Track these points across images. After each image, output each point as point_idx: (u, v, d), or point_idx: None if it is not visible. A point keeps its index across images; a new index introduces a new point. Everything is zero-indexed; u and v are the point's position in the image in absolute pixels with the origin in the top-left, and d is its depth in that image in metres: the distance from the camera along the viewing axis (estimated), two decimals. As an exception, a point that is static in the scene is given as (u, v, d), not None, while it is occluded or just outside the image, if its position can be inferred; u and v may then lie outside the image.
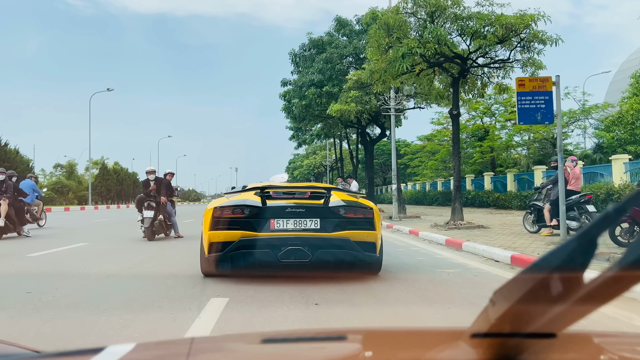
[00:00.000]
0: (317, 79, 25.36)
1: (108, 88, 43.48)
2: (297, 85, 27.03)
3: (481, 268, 6.44)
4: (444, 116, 33.48)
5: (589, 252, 0.56)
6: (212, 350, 0.93)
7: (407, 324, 3.64)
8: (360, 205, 5.33)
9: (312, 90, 25.21)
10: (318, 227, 5.08)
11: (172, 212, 11.02)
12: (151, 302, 4.29)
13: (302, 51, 27.79)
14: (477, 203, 25.81)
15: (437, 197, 32.26)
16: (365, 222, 5.22)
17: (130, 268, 6.54)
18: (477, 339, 0.69)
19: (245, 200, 5.18)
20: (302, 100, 25.96)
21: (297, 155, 71.24)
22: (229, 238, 5.00)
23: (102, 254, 8.05)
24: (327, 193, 5.33)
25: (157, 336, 3.30)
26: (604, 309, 3.33)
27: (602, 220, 0.57)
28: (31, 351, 0.96)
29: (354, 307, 4.19)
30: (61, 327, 3.55)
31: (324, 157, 56.93)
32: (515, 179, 24.58)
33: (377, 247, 5.27)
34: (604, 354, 0.79)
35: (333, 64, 25.44)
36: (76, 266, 6.65)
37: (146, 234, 10.17)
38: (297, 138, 35.69)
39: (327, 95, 24.75)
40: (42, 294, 4.64)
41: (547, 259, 0.58)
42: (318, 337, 0.98)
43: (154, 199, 10.41)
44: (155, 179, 10.88)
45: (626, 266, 0.53)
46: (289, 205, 5.19)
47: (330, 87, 24.80)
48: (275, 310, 4.00)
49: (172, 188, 11.36)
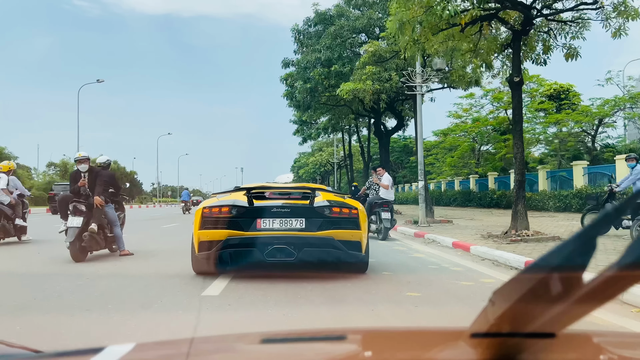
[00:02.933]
0: (324, 57, 21.17)
1: (98, 79, 39.97)
2: (300, 66, 22.76)
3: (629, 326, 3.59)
4: (463, 108, 31.46)
5: (588, 252, 0.56)
6: (212, 350, 0.93)
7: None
8: (345, 205, 5.48)
9: (319, 70, 21.29)
10: (303, 226, 5.22)
11: (116, 220, 7.65)
12: (147, 301, 4.29)
13: (306, 27, 23.31)
14: (503, 204, 23.24)
15: (456, 197, 29.71)
16: (350, 221, 5.35)
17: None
18: (477, 338, 0.70)
19: (232, 201, 5.34)
20: (306, 83, 22.16)
21: (302, 154, 67.30)
22: (217, 237, 5.14)
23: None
24: (312, 193, 5.46)
25: (147, 336, 3.30)
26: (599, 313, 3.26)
27: (602, 220, 0.57)
28: (31, 351, 0.96)
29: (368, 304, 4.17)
30: (61, 327, 3.55)
31: (331, 154, 53.36)
32: (549, 177, 22.23)
33: (363, 246, 5.42)
34: (604, 353, 0.79)
35: (343, 39, 21.20)
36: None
37: (71, 251, 6.89)
38: (302, 132, 32.45)
39: (336, 76, 20.67)
40: (43, 294, 4.65)
41: (547, 259, 0.58)
42: (318, 337, 0.98)
43: (85, 200, 7.24)
44: (89, 170, 7.52)
45: (625, 266, 0.53)
46: (275, 205, 5.35)
47: (340, 67, 20.75)
48: (263, 310, 4.01)
49: (116, 183, 8.08)
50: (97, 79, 40.84)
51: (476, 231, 10.90)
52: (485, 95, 29.29)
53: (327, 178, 59.75)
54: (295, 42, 23.44)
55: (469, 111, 31.71)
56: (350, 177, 36.76)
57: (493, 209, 23.38)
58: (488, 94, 28.62)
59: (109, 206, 7.58)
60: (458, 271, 6.08)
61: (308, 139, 34.60)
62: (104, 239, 7.44)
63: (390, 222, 10.15)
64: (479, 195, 26.96)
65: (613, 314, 3.79)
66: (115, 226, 7.65)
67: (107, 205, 7.50)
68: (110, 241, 7.70)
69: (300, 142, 34.26)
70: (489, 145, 31.15)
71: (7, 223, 9.75)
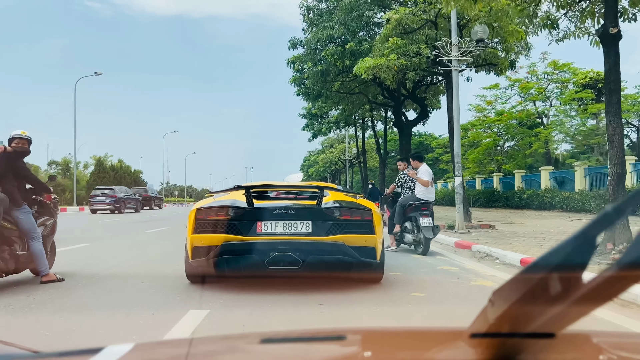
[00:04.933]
0: (337, 33, 18.30)
1: (96, 72, 39.79)
2: (310, 46, 19.84)
3: None
4: (486, 101, 29.24)
5: (588, 252, 0.56)
6: (212, 350, 0.93)
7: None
8: (357, 206, 4.94)
9: (331, 49, 18.42)
10: (310, 230, 4.67)
11: (33, 230, 5.19)
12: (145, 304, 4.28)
13: (317, 2, 20.35)
14: (535, 205, 21.20)
15: (478, 197, 26.72)
16: (363, 224, 4.79)
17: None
18: (476, 339, 0.70)
19: (230, 201, 4.82)
20: (317, 66, 19.41)
21: (311, 152, 63.40)
22: (212, 242, 4.62)
23: None
24: (320, 193, 4.87)
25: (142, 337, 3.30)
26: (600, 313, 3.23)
27: (601, 220, 0.57)
28: (30, 351, 0.96)
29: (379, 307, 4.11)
30: (61, 327, 3.55)
31: (343, 151, 49.19)
32: (587, 175, 19.78)
33: (378, 253, 4.85)
34: (603, 354, 0.79)
35: (360, 12, 18.12)
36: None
37: None
38: (312, 127, 30.10)
39: (351, 56, 17.70)
40: (42, 294, 4.65)
41: (546, 259, 0.58)
42: (317, 337, 0.98)
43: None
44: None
45: (625, 266, 0.53)
46: (278, 206, 4.80)
47: (356, 45, 17.89)
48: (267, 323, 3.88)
49: (26, 172, 5.45)
50: (95, 71, 39.83)
51: (536, 241, 8.84)
52: (512, 86, 27.09)
53: (338, 177, 56.49)
54: (304, 20, 20.50)
55: (493, 104, 29.48)
56: (364, 175, 33.99)
57: (523, 210, 21.20)
58: (515, 84, 26.54)
59: (23, 210, 5.17)
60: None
61: (318, 134, 32.12)
62: (12, 257, 5.02)
63: (432, 230, 7.79)
64: (505, 195, 24.60)
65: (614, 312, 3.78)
66: (33, 239, 5.17)
67: (21, 208, 5.15)
68: (24, 260, 5.18)
69: (310, 137, 31.84)
70: (513, 140, 28.80)
71: None
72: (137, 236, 12.07)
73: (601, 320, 3.62)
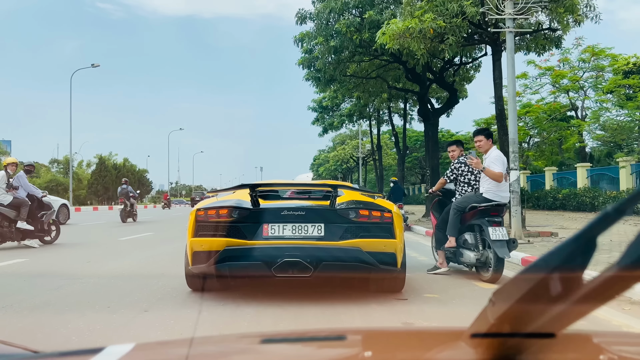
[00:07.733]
0: (353, 1, 15.33)
1: (92, 64, 38.63)
2: (321, 18, 16.24)
3: None
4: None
5: (588, 252, 0.56)
6: (212, 350, 0.93)
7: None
8: (375, 206, 4.42)
9: (346, 20, 15.31)
10: (322, 234, 4.21)
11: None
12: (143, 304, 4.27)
13: None
14: (572, 206, 18.99)
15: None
16: (382, 228, 4.30)
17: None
18: (477, 339, 0.70)
19: (233, 201, 4.40)
20: (329, 42, 16.09)
21: (322, 151, 58.89)
22: (213, 247, 4.18)
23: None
24: (334, 192, 4.36)
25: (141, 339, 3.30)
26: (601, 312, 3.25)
27: (601, 220, 0.57)
28: (31, 351, 0.96)
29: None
30: (61, 327, 3.55)
31: (355, 148, 44.80)
32: (634, 172, 17.36)
33: (399, 259, 4.36)
34: (604, 354, 0.79)
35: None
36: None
37: None
38: (322, 121, 27.07)
39: (371, 28, 14.60)
40: (42, 294, 4.64)
41: (547, 259, 0.58)
42: (318, 337, 0.98)
43: None
44: None
45: (625, 266, 0.53)
46: (287, 206, 4.34)
47: (376, 14, 14.71)
48: None
49: None
50: (91, 63, 39.12)
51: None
52: (543, 74, 24.74)
53: (349, 176, 52.11)
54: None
55: (522, 94, 26.67)
56: (379, 173, 30.37)
57: (558, 211, 19.13)
58: (546, 72, 24.29)
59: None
60: None
61: (329, 128, 28.94)
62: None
63: (507, 246, 5.26)
64: (536, 195, 22.24)
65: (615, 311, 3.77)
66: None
67: None
68: None
69: (320, 132, 28.87)
70: (542, 135, 25.95)
71: (8, 226, 8.90)
72: (107, 246, 9.82)
73: (601, 321, 3.62)
